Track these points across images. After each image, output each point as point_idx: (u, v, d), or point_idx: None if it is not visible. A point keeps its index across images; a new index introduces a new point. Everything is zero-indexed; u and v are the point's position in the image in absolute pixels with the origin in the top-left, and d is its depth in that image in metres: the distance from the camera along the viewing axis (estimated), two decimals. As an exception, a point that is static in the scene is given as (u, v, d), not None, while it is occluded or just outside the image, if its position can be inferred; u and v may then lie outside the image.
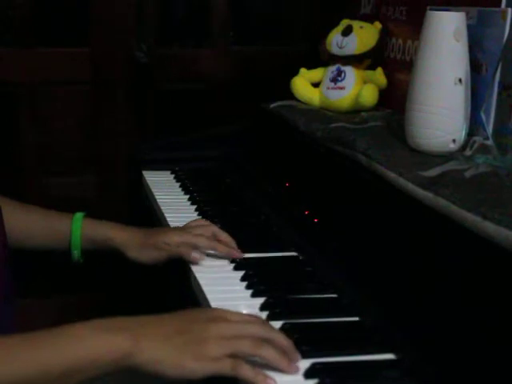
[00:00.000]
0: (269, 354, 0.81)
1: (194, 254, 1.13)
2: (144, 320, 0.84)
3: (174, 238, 1.16)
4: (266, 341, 0.83)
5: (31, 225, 1.20)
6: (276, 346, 0.83)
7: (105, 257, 1.21)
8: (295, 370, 0.82)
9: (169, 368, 0.80)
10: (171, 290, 1.31)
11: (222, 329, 0.83)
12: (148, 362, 0.80)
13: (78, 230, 1.20)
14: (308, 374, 0.81)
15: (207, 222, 1.24)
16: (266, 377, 0.80)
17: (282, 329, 0.90)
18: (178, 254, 1.15)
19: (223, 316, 0.86)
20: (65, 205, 2.37)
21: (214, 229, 1.20)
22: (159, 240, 1.17)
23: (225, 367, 0.80)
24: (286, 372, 0.81)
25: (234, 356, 0.81)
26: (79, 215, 1.22)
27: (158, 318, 0.85)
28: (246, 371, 0.80)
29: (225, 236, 1.19)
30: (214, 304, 1.00)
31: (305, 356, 0.84)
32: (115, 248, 1.19)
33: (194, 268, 1.12)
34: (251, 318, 0.87)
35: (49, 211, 1.24)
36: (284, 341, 0.84)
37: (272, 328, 0.86)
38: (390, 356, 0.86)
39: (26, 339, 0.80)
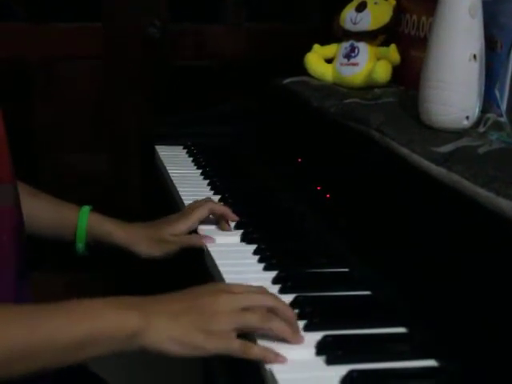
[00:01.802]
0: (277, 326, 0.82)
1: (205, 240, 1.14)
2: (153, 299, 0.85)
3: (180, 228, 1.16)
4: (272, 310, 0.84)
5: (38, 211, 1.19)
6: (281, 316, 0.84)
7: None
8: (301, 341, 0.83)
9: (178, 347, 0.81)
10: (183, 264, 1.32)
11: (228, 302, 0.83)
12: (156, 341, 0.80)
13: (84, 223, 1.19)
14: (320, 346, 0.82)
15: (203, 202, 1.23)
16: (277, 354, 0.80)
17: (295, 302, 0.91)
18: (188, 245, 1.15)
19: (228, 289, 0.87)
20: (78, 181, 2.40)
21: (210, 205, 1.21)
22: (166, 232, 1.16)
23: (234, 348, 0.81)
24: (292, 342, 0.82)
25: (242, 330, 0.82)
26: (86, 208, 1.20)
27: (167, 297, 0.85)
28: (255, 352, 0.80)
29: (220, 207, 1.21)
30: (226, 277, 1.00)
31: (316, 328, 0.85)
32: (119, 245, 1.18)
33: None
34: (256, 289, 0.88)
35: (57, 200, 1.22)
36: (288, 310, 0.85)
37: (276, 297, 0.88)
38: (401, 329, 0.87)
39: (39, 309, 0.81)
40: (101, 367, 1.20)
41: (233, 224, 1.20)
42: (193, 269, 1.19)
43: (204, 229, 1.18)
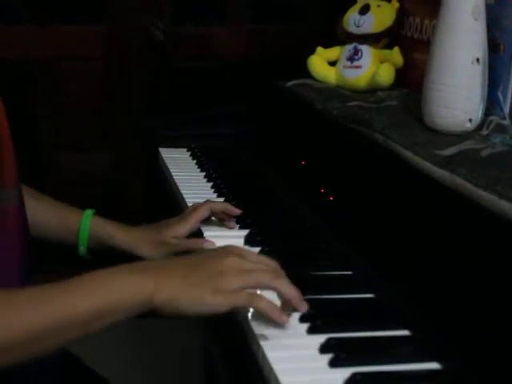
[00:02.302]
0: (285, 284, 0.85)
1: (206, 244, 1.14)
2: (162, 262, 0.89)
3: (180, 230, 1.17)
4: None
5: (41, 214, 1.19)
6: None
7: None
8: (304, 307, 0.86)
9: (189, 304, 0.83)
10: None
11: (238, 262, 0.87)
12: (168, 301, 0.83)
13: (87, 226, 1.19)
14: (323, 349, 0.82)
15: (202, 203, 1.23)
16: (282, 313, 0.83)
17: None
18: (189, 248, 1.15)
19: (239, 252, 0.89)
20: (80, 182, 2.41)
21: (210, 205, 1.21)
22: (167, 235, 1.16)
23: (242, 299, 0.83)
24: (298, 307, 0.86)
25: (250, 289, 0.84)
26: (89, 212, 1.21)
27: (175, 259, 0.90)
28: (263, 303, 0.83)
29: (220, 204, 1.23)
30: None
31: (320, 331, 0.86)
32: (121, 248, 1.18)
33: (210, 244, 1.13)
34: (267, 261, 0.90)
35: (60, 204, 1.23)
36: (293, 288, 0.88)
37: (284, 275, 0.89)
38: (404, 332, 0.87)
39: (54, 287, 0.83)
40: (99, 365, 1.21)
41: (236, 227, 1.20)
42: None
43: (209, 235, 1.18)
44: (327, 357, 0.81)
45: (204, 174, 1.51)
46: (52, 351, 0.83)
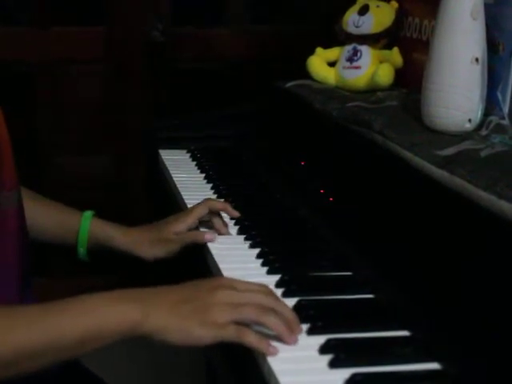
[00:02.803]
0: (272, 321, 0.83)
1: (207, 236, 1.14)
2: (152, 290, 0.87)
3: (180, 226, 1.17)
4: (271, 310, 0.85)
5: (41, 216, 1.19)
6: (280, 315, 0.84)
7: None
8: (294, 341, 0.83)
9: (176, 335, 0.83)
10: (185, 269, 1.32)
11: (227, 296, 0.86)
12: (155, 330, 0.83)
13: (86, 228, 1.19)
14: (323, 350, 0.82)
15: (202, 201, 1.23)
16: (270, 344, 0.82)
17: (298, 305, 0.91)
18: (190, 241, 1.16)
19: (230, 284, 0.89)
20: (80, 184, 2.41)
21: (209, 203, 1.21)
22: (167, 232, 1.17)
23: (229, 333, 0.82)
24: (286, 342, 0.83)
25: (238, 323, 0.83)
26: (89, 213, 1.21)
27: (166, 289, 0.88)
28: (250, 337, 0.82)
29: (220, 203, 1.22)
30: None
31: (319, 332, 0.85)
32: (122, 250, 1.19)
33: (210, 245, 1.14)
34: (257, 287, 0.89)
35: (59, 205, 1.23)
36: (288, 311, 0.86)
37: (277, 298, 0.89)
38: (403, 333, 0.87)
39: (42, 309, 0.83)
40: (97, 366, 1.21)
41: (236, 228, 1.20)
42: (195, 274, 1.19)
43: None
44: (327, 357, 0.80)
45: (204, 175, 1.51)
46: (43, 368, 0.83)
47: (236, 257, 1.10)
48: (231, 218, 1.23)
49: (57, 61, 2.36)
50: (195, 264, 1.18)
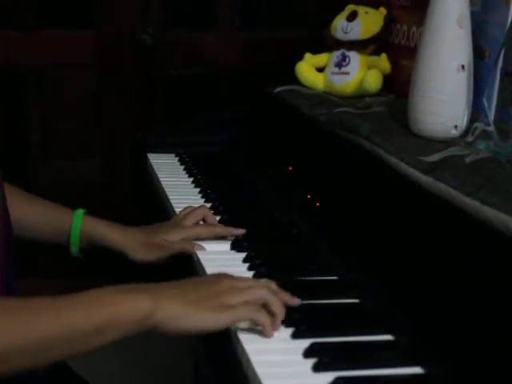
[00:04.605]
0: (276, 300, 0.88)
1: (197, 247, 1.15)
2: (161, 284, 0.89)
3: (174, 236, 1.17)
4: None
5: (32, 216, 1.19)
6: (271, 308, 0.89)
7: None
8: (270, 335, 0.86)
9: (191, 322, 0.85)
10: (173, 273, 1.32)
11: (232, 283, 0.91)
12: (170, 318, 0.85)
13: (78, 226, 1.19)
14: (307, 354, 0.82)
15: (194, 208, 1.24)
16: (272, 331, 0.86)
17: (283, 309, 0.92)
18: (180, 250, 1.16)
19: (231, 276, 0.94)
20: (70, 188, 2.41)
21: (203, 211, 1.22)
22: (161, 238, 1.17)
23: (244, 313, 0.86)
24: (265, 334, 0.86)
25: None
26: (80, 211, 1.21)
27: (173, 282, 0.91)
28: (263, 318, 0.86)
29: (213, 218, 1.23)
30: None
31: (304, 336, 0.86)
32: (113, 248, 1.18)
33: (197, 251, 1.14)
34: (257, 281, 0.95)
35: (51, 204, 1.23)
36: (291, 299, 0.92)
37: (274, 291, 0.91)
38: (387, 337, 0.88)
39: (55, 302, 0.83)
40: (86, 371, 1.21)
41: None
42: (181, 276, 1.19)
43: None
44: (311, 361, 0.81)
45: (192, 179, 1.52)
46: (49, 363, 0.83)
47: (222, 261, 1.11)
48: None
49: (46, 65, 2.35)
50: (181, 267, 1.18)
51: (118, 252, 1.18)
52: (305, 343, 0.84)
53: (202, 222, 1.23)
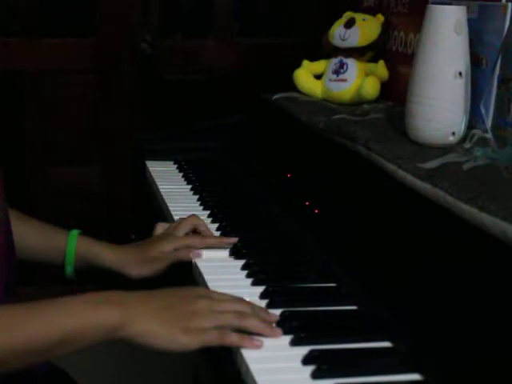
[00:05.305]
0: (251, 323, 0.87)
1: (193, 254, 1.15)
2: (135, 295, 0.89)
3: (167, 247, 1.17)
4: (249, 314, 0.89)
5: (27, 236, 1.19)
6: (257, 317, 0.88)
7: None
8: (278, 334, 0.87)
9: (160, 341, 0.85)
10: (172, 280, 1.32)
11: (207, 304, 0.89)
12: (139, 335, 0.85)
13: (73, 246, 1.19)
14: (306, 361, 0.82)
15: (184, 218, 1.24)
16: (252, 339, 0.85)
17: (281, 316, 0.92)
18: (177, 259, 1.16)
19: (207, 294, 0.92)
20: (69, 195, 2.41)
21: (194, 221, 1.22)
22: (155, 251, 1.17)
23: (213, 338, 0.85)
24: (269, 335, 0.87)
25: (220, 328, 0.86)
26: (75, 232, 1.21)
27: (148, 294, 0.90)
28: (232, 338, 0.85)
29: (204, 226, 1.22)
30: (214, 292, 1.01)
31: (303, 343, 0.86)
32: (108, 266, 1.18)
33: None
34: (232, 297, 0.93)
35: (46, 225, 1.23)
36: (264, 311, 0.91)
37: (255, 306, 0.91)
38: (386, 344, 0.88)
39: (20, 310, 0.85)
40: (85, 378, 1.21)
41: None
42: (182, 285, 1.19)
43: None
44: (310, 368, 0.81)
45: (190, 186, 1.52)
46: (10, 370, 0.84)
47: (221, 268, 1.11)
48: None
49: (45, 72, 2.36)
50: (181, 276, 1.18)
51: (114, 271, 1.18)
52: (303, 350, 0.84)
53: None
